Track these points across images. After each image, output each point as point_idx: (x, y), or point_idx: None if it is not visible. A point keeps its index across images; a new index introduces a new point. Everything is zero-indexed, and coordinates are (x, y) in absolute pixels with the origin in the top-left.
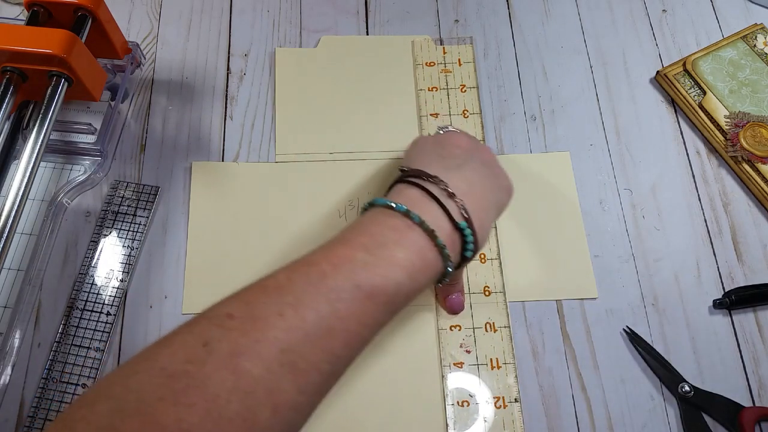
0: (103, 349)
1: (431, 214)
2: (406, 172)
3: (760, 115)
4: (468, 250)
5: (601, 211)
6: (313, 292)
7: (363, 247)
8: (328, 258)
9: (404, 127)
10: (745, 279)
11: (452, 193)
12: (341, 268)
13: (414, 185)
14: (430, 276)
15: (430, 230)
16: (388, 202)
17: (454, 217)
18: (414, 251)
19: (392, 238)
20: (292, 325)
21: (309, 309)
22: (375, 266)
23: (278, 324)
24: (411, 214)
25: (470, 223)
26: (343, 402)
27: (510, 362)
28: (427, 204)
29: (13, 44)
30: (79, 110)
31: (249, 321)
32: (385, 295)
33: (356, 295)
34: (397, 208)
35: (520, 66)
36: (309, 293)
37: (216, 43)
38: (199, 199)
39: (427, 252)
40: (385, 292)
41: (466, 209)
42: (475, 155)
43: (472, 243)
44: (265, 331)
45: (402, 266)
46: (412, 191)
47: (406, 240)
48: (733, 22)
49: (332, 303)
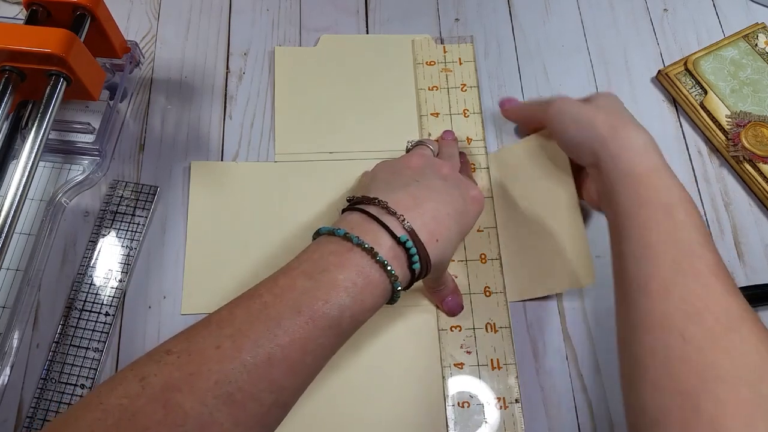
0: (101, 350)
1: (371, 234)
2: (351, 200)
3: (761, 114)
4: (415, 263)
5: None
6: (252, 323)
7: (304, 274)
8: (270, 289)
9: (404, 126)
10: (747, 279)
11: (392, 210)
12: (282, 297)
13: (356, 210)
14: (377, 294)
15: (369, 248)
16: (330, 228)
17: (395, 232)
18: (355, 272)
19: (333, 262)
20: (227, 356)
21: (246, 339)
22: (316, 290)
23: (214, 356)
24: (350, 236)
25: (414, 236)
26: (344, 403)
27: (511, 363)
28: (367, 225)
29: (12, 43)
30: (78, 109)
31: (185, 355)
32: (327, 319)
33: (297, 321)
34: (337, 232)
35: (521, 65)
36: (248, 324)
37: (215, 42)
38: (198, 199)
39: (369, 271)
40: (327, 316)
41: (407, 222)
42: (429, 172)
43: (417, 255)
44: (200, 364)
45: (343, 287)
46: (354, 215)
47: (346, 262)
48: (734, 21)
49: (271, 330)
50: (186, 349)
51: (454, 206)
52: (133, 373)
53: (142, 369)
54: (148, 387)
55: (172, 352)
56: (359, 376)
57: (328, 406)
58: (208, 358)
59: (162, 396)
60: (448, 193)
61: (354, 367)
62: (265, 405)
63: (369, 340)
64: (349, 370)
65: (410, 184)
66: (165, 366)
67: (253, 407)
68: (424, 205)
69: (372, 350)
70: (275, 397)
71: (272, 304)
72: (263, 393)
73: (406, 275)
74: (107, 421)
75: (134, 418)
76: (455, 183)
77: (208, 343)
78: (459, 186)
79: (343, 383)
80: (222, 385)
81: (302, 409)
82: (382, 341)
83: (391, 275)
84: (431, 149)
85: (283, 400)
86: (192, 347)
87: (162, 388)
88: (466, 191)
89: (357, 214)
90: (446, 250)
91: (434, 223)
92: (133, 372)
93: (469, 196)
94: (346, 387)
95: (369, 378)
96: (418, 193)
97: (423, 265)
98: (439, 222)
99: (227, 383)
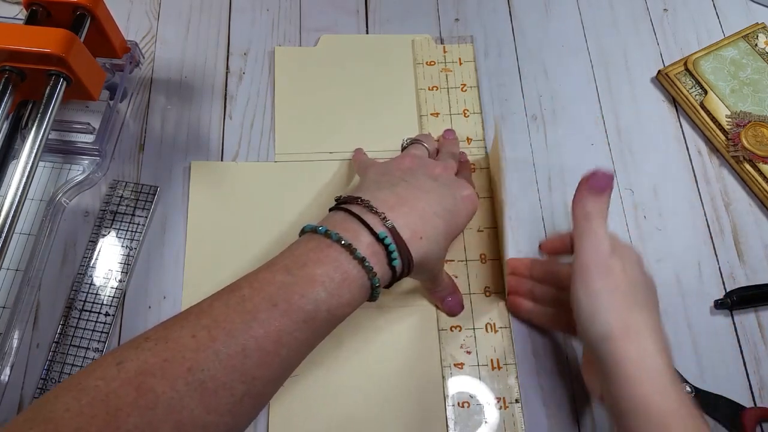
0: (101, 350)
1: (351, 231)
2: (338, 199)
3: (761, 114)
4: (394, 259)
5: None
6: (229, 314)
7: (284, 268)
8: (251, 283)
9: (404, 126)
10: (747, 279)
11: (374, 209)
12: (261, 291)
13: (340, 209)
14: (354, 290)
15: (347, 245)
16: (313, 226)
17: (375, 229)
18: (333, 267)
19: (312, 258)
20: (202, 346)
21: (221, 330)
22: (294, 285)
23: (189, 344)
24: (330, 233)
25: (395, 233)
26: (344, 402)
27: (511, 363)
28: (348, 223)
29: (12, 43)
30: (78, 109)
31: (162, 342)
32: (302, 312)
33: (272, 314)
34: (319, 230)
35: (521, 65)
36: (224, 315)
37: (215, 42)
38: (198, 199)
39: (347, 266)
40: (302, 310)
41: (389, 220)
42: (420, 172)
43: (396, 252)
44: (175, 352)
45: (320, 282)
46: (337, 214)
47: (324, 258)
48: (734, 21)
49: (247, 323)
50: (163, 336)
51: (443, 205)
52: (112, 357)
53: (121, 354)
54: (123, 371)
55: (150, 339)
56: (359, 376)
57: (329, 406)
58: (183, 346)
59: (136, 379)
60: (438, 192)
61: (354, 367)
62: (236, 395)
63: (369, 341)
64: (349, 370)
65: (398, 184)
66: (142, 352)
67: (225, 396)
68: (409, 204)
69: (372, 350)
70: (247, 388)
71: (250, 297)
72: (235, 383)
73: (386, 272)
74: (81, 401)
75: (107, 398)
76: (446, 182)
77: (185, 332)
78: (450, 185)
79: (343, 383)
80: (194, 372)
81: (303, 408)
82: (382, 341)
83: (370, 271)
84: (426, 147)
85: (257, 391)
86: (169, 335)
87: (136, 372)
88: (457, 191)
89: (340, 212)
90: (431, 249)
91: (420, 221)
92: (112, 356)
93: (461, 196)
94: (347, 387)
95: (369, 378)
96: (405, 192)
97: (404, 262)
98: (425, 220)
99: (199, 371)
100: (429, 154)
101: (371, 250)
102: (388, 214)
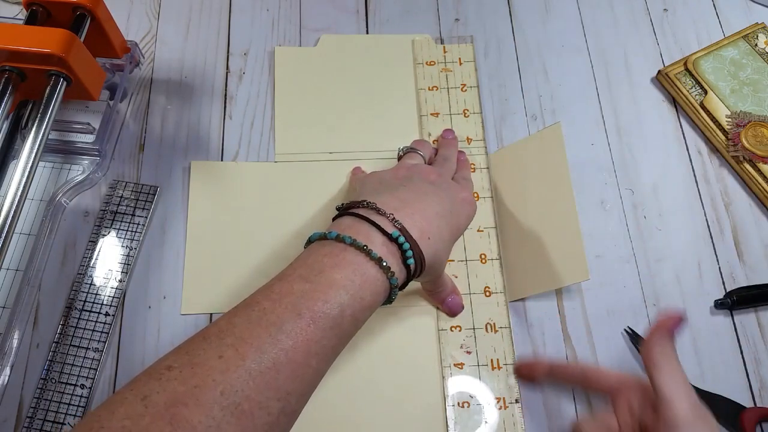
0: (101, 350)
1: (363, 233)
2: (340, 208)
3: (761, 114)
4: (409, 258)
5: (602, 211)
6: (253, 329)
7: (301, 277)
8: (268, 296)
9: (404, 126)
10: (747, 279)
11: (381, 210)
12: (281, 302)
13: (345, 215)
14: (375, 291)
15: (362, 246)
16: (321, 233)
17: (386, 230)
18: (351, 270)
19: (328, 263)
20: (231, 365)
21: (249, 346)
22: (314, 292)
23: (217, 366)
24: (342, 237)
25: (405, 232)
26: (344, 403)
27: (511, 363)
28: (358, 225)
29: (12, 43)
30: (78, 110)
31: (187, 368)
32: (328, 319)
33: (298, 324)
34: (329, 236)
35: (521, 65)
36: (249, 331)
37: (215, 42)
38: (198, 199)
39: (365, 268)
40: (328, 316)
41: (398, 221)
42: (417, 178)
43: (410, 250)
44: (204, 376)
45: (342, 286)
46: (345, 219)
47: (341, 261)
48: (734, 21)
49: (273, 336)
50: (188, 362)
51: (443, 206)
52: (133, 392)
53: (143, 387)
54: (151, 405)
55: (173, 367)
56: (359, 377)
57: (329, 407)
58: (212, 368)
59: (167, 412)
60: (436, 195)
61: (354, 367)
62: (273, 413)
63: (369, 341)
64: (349, 371)
65: (398, 188)
66: (167, 382)
67: (262, 416)
68: (412, 206)
69: (372, 351)
70: (282, 405)
71: (271, 309)
72: (271, 401)
73: (402, 271)
74: None
75: None
76: (443, 186)
77: (210, 354)
78: (447, 189)
79: (343, 384)
80: (228, 396)
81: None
82: (382, 342)
83: (388, 271)
84: (421, 155)
85: (291, 408)
86: (194, 360)
87: (166, 404)
88: (455, 194)
89: (347, 217)
90: (438, 249)
91: (424, 221)
92: (132, 392)
93: (459, 198)
94: (347, 387)
95: (369, 378)
96: (405, 195)
97: (417, 261)
98: (429, 221)
99: (233, 393)
100: (425, 160)
101: (386, 250)
102: (395, 215)
